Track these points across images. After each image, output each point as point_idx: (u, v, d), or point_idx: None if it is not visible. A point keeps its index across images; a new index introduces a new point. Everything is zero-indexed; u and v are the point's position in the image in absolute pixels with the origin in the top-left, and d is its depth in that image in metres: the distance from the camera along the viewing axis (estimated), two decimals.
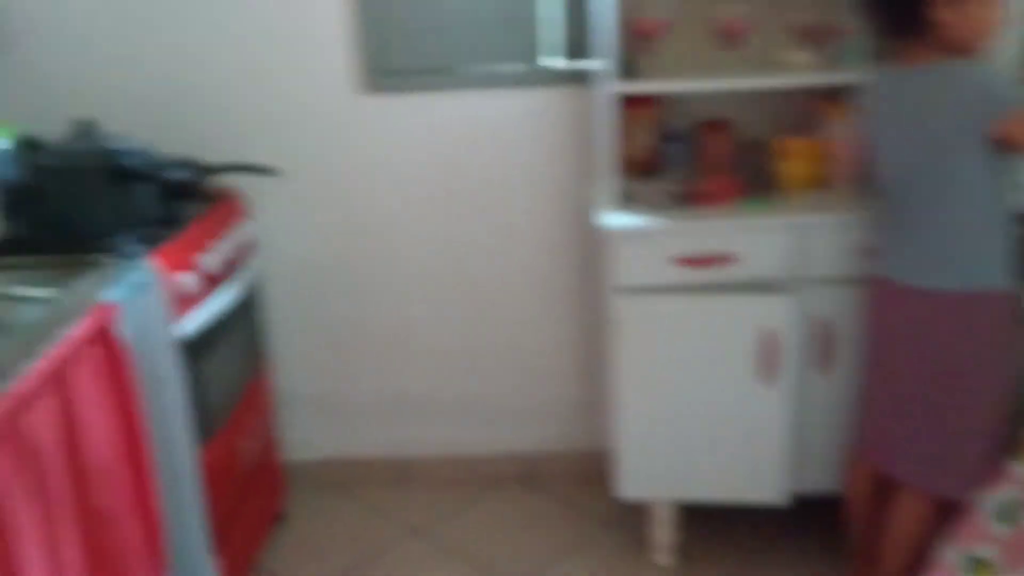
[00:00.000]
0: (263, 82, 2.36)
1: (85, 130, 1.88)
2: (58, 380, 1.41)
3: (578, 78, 2.35)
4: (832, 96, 2.14)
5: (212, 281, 1.98)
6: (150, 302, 1.74)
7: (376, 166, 2.44)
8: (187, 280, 1.84)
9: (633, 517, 2.42)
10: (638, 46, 2.17)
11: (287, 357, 2.57)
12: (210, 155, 2.19)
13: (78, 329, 1.48)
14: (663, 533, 2.27)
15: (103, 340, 1.55)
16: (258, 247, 2.37)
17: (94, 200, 1.82)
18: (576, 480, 2.66)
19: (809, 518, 2.31)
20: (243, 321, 2.24)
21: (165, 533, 1.74)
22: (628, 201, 2.14)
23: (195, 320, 1.89)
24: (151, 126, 2.20)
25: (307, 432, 2.66)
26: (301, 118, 2.39)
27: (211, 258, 1.96)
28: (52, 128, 2.04)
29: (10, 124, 1.98)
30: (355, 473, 2.69)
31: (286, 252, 2.49)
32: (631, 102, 2.19)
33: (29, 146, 1.97)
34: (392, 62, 2.35)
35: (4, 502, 1.22)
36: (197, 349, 1.90)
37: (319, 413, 2.65)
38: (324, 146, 2.42)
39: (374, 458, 2.68)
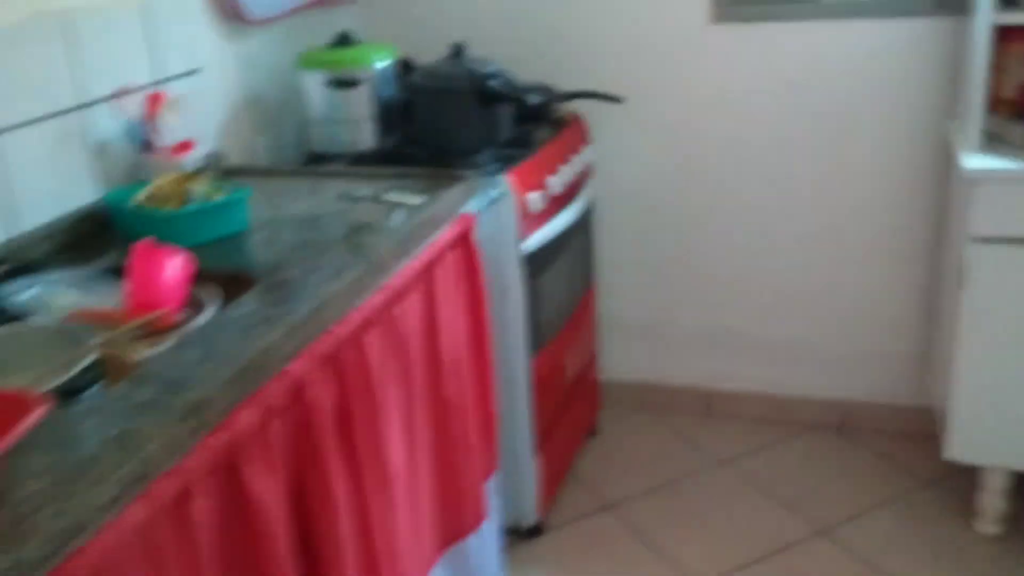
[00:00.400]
0: (619, 11, 2.42)
1: (455, 52, 2.04)
2: (425, 278, 1.58)
3: (948, 6, 2.17)
4: None
5: (556, 202, 2.09)
6: (503, 216, 1.88)
7: (717, 98, 2.43)
8: (535, 199, 1.96)
9: (957, 480, 2.28)
10: None
11: (612, 281, 2.66)
12: (558, 81, 2.29)
13: (444, 234, 1.64)
14: (992, 501, 2.12)
15: (464, 246, 1.71)
16: (595, 172, 2.46)
17: (461, 119, 1.99)
18: (897, 435, 2.54)
19: None
20: (577, 242, 2.35)
21: (498, 429, 1.90)
22: (996, 143, 1.97)
23: (538, 237, 2.01)
24: (509, 50, 2.33)
25: (624, 354, 2.75)
26: (649, 46, 2.42)
27: (557, 180, 2.07)
28: (426, 49, 2.25)
29: (390, 45, 2.19)
30: (666, 399, 2.75)
31: (620, 179, 2.56)
32: (1008, 35, 1.99)
33: (405, 66, 2.18)
34: None
35: (378, 380, 1.40)
36: (537, 264, 2.04)
37: (637, 338, 2.73)
38: (667, 76, 2.44)
39: (686, 387, 2.73)
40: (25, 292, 1.33)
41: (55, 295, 1.35)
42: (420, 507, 1.59)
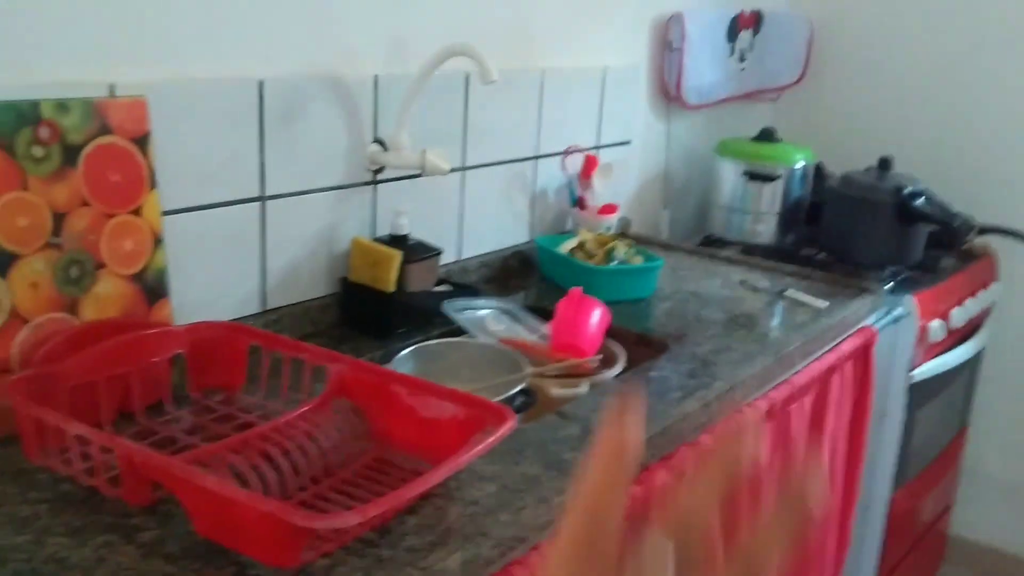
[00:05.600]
0: None
1: (882, 164, 2.01)
2: (821, 383, 1.55)
3: None
4: None
5: (953, 334, 1.98)
6: (901, 339, 1.81)
7: None
8: (937, 328, 1.87)
9: None
10: None
11: (986, 430, 2.45)
12: (971, 210, 2.18)
13: (845, 343, 1.61)
14: None
15: (862, 360, 1.67)
16: (993, 314, 2.30)
17: (874, 232, 1.95)
18: None
19: None
20: (962, 381, 2.20)
21: (846, 554, 1.81)
22: None
23: (930, 367, 1.91)
24: (926, 171, 2.26)
25: (982, 513, 2.51)
26: None
27: (961, 313, 1.96)
28: (836, 157, 2.24)
29: (807, 147, 2.20)
30: (1015, 572, 2.47)
31: (1015, 324, 2.36)
32: None
33: (818, 170, 2.19)
34: None
35: (763, 475, 1.40)
36: (922, 395, 1.93)
37: (1001, 499, 2.48)
38: None
39: None
40: (466, 311, 1.49)
41: (491, 319, 1.49)
42: None
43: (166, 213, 1.18)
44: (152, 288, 1.16)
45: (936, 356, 1.94)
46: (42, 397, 0.94)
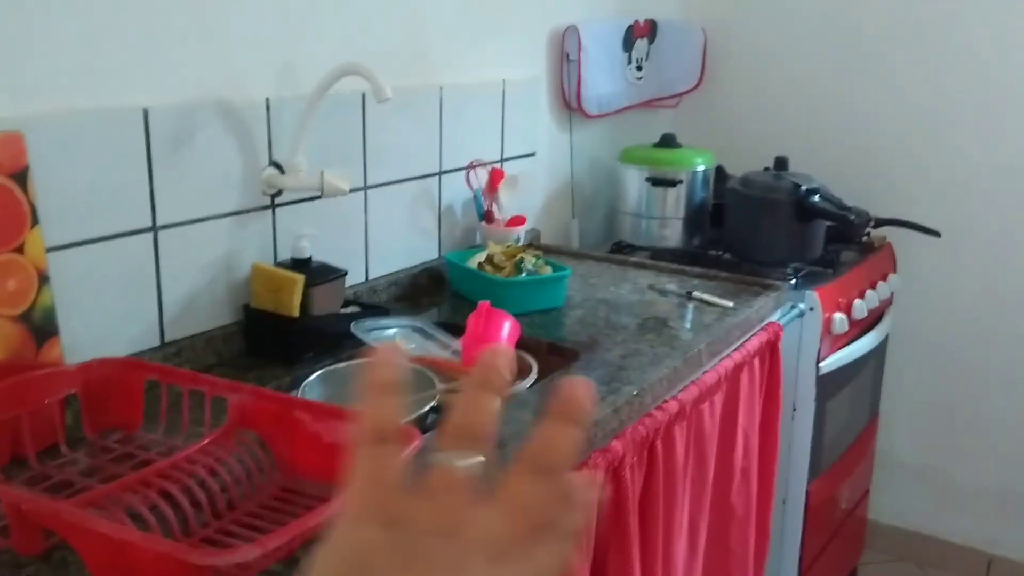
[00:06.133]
0: (939, 147, 2.35)
1: (778, 165, 2.07)
2: (731, 381, 1.58)
3: None
4: None
5: (856, 326, 2.04)
6: (806, 332, 1.86)
7: None
8: (840, 320, 1.92)
9: None
10: None
11: (895, 417, 2.53)
12: (868, 205, 2.24)
13: (752, 340, 1.64)
14: None
15: (770, 355, 1.70)
16: (896, 302, 2.37)
17: (775, 230, 2.00)
18: None
19: None
20: (868, 371, 2.27)
21: (768, 549, 1.84)
22: None
23: (835, 359, 1.96)
24: (821, 168, 2.32)
25: (897, 497, 2.59)
26: (971, 181, 2.33)
27: (863, 304, 2.02)
28: (735, 160, 2.29)
29: (708, 151, 2.25)
30: (938, 554, 2.55)
31: (921, 312, 2.44)
32: None
33: (718, 173, 2.23)
34: None
35: (679, 473, 1.41)
36: (830, 386, 1.98)
37: (914, 482, 2.56)
38: (990, 214, 2.33)
39: (962, 545, 2.52)
40: (374, 331, 1.47)
41: (401, 338, 1.48)
42: None
43: (51, 249, 1.14)
44: (40, 328, 1.11)
45: (842, 348, 1.99)
46: None
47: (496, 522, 0.38)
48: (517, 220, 1.85)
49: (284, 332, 1.38)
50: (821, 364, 1.91)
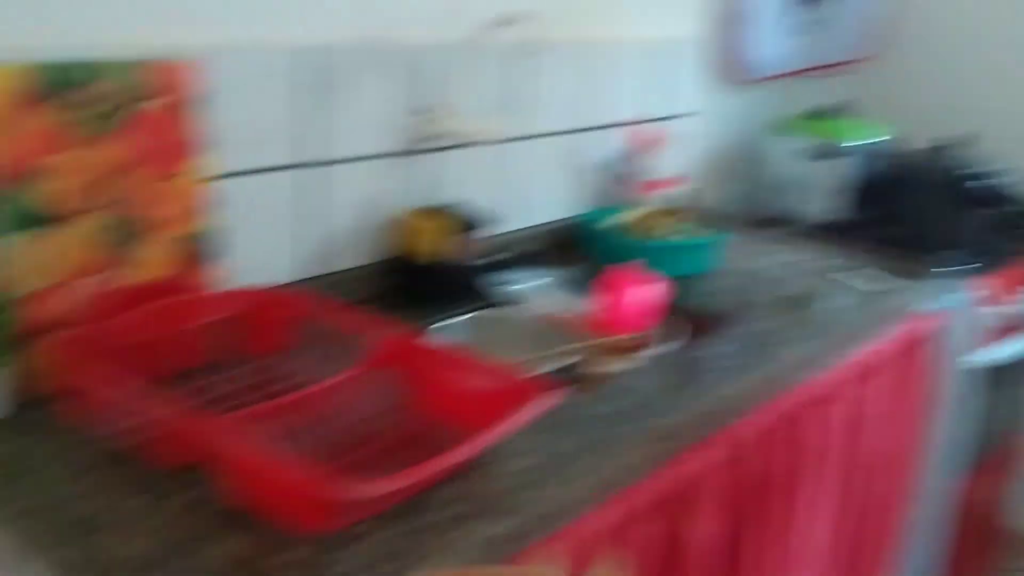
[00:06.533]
0: None
1: (955, 144, 1.94)
2: (877, 367, 1.51)
3: None
4: None
5: (1015, 322, 1.91)
6: (961, 324, 1.75)
7: None
8: (998, 313, 1.80)
9: None
10: None
11: None
12: None
13: (904, 327, 1.56)
14: None
15: (919, 345, 1.61)
16: None
17: (940, 215, 1.88)
18: None
19: None
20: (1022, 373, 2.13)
21: (907, 546, 1.77)
22: None
23: (994, 353, 1.85)
24: (1010, 151, 2.15)
25: None
26: None
27: None
28: (912, 133, 2.16)
29: (880, 123, 2.13)
30: None
31: None
32: None
33: (889, 148, 2.11)
34: None
35: (816, 455, 1.36)
36: (981, 383, 1.87)
37: None
38: None
39: None
40: (514, 283, 1.47)
41: (538, 292, 1.48)
42: None
43: (217, 177, 1.19)
44: (201, 252, 1.17)
45: (998, 342, 1.87)
46: (86, 356, 0.95)
47: None
48: (663, 182, 1.81)
49: (424, 277, 1.40)
50: (974, 358, 1.80)
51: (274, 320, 1.15)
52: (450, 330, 1.30)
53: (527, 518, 0.87)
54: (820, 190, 2.07)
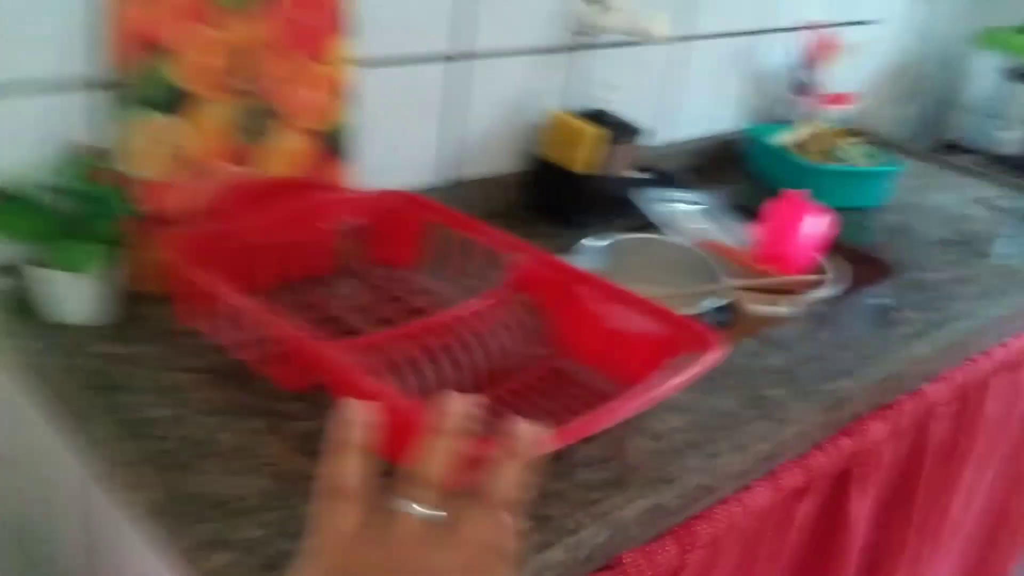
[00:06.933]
0: None
1: None
2: None
3: None
4: None
5: None
6: None
7: None
8: None
9: None
10: None
11: None
12: None
13: None
14: None
15: None
16: None
17: None
18: None
19: None
20: None
21: None
22: None
23: None
24: None
25: None
26: None
27: None
28: None
29: None
30: None
31: None
32: None
33: None
34: None
35: (985, 429, 1.21)
36: None
37: None
38: None
39: None
40: (667, 203, 1.33)
41: (692, 216, 1.34)
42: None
43: (358, 65, 1.07)
44: (335, 147, 1.07)
45: None
46: (204, 256, 0.87)
47: (449, 563, 0.43)
48: (839, 98, 1.61)
49: (570, 189, 1.27)
50: None
51: (407, 228, 1.05)
52: (593, 253, 1.17)
53: (679, 491, 0.76)
54: (1018, 116, 1.82)
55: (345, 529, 0.43)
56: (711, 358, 0.78)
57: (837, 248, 1.27)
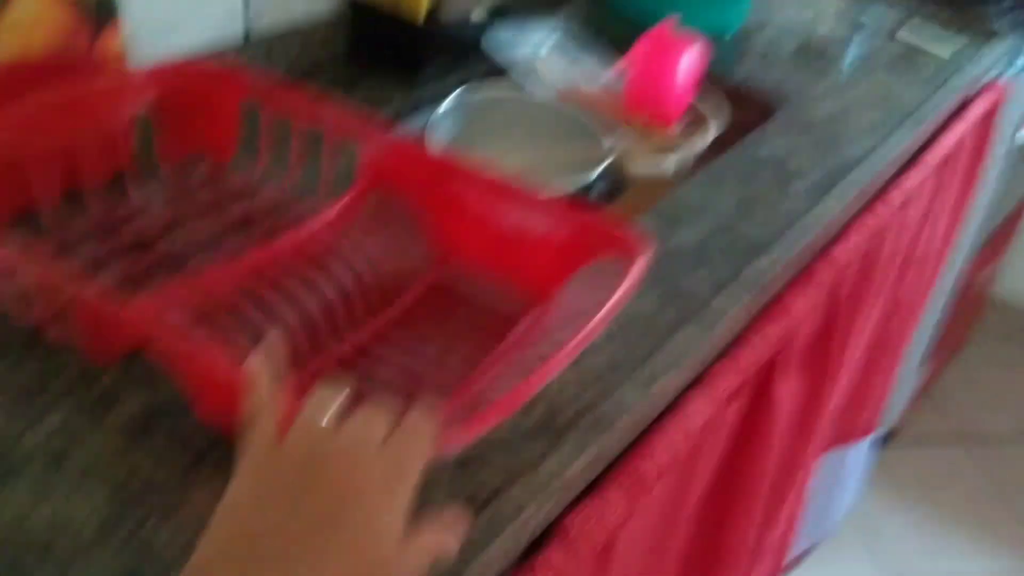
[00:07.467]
0: None
1: None
2: (944, 158, 1.26)
3: None
4: None
5: None
6: (1019, 95, 1.50)
7: None
8: None
9: None
10: None
11: None
12: None
13: (973, 107, 1.30)
14: None
15: (984, 124, 1.36)
16: None
17: None
18: None
19: None
20: None
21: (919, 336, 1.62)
22: None
23: None
24: None
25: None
26: None
27: None
28: None
29: None
30: None
31: None
32: None
33: None
34: None
35: (883, 267, 1.14)
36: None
37: None
38: None
39: None
40: (511, 45, 1.13)
41: (543, 59, 1.14)
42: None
43: None
44: (96, 8, 0.80)
45: None
46: None
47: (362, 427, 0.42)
48: None
49: (403, 38, 1.05)
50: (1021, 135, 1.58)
51: (216, 109, 0.81)
52: (444, 118, 0.97)
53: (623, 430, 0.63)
54: None
55: (270, 439, 0.42)
56: (638, 268, 0.62)
57: (710, 83, 1.13)
